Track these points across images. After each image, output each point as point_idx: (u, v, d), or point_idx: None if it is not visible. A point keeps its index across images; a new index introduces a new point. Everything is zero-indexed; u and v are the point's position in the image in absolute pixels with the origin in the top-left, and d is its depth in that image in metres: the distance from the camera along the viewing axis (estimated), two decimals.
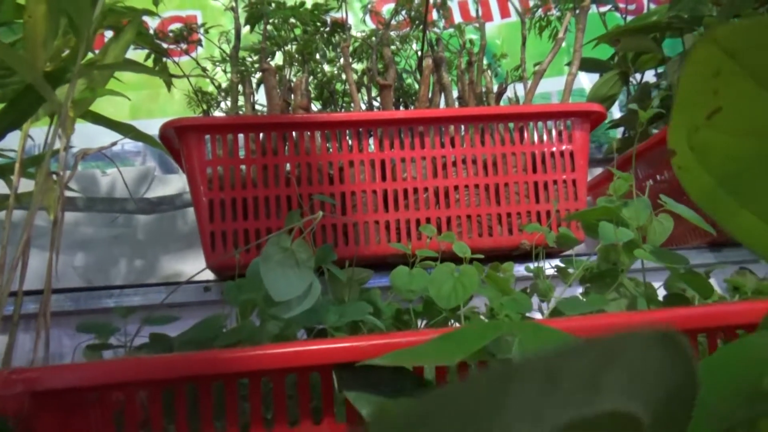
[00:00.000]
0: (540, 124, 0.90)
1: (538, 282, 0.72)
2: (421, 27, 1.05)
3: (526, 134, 0.89)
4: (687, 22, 1.00)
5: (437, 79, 0.94)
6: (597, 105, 0.90)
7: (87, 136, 1.61)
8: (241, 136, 0.84)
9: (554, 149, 0.89)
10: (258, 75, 1.09)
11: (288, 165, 0.84)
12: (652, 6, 1.90)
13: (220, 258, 0.81)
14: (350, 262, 0.70)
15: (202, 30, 1.11)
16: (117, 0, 0.97)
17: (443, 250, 0.75)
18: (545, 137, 0.89)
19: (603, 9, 1.28)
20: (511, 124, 0.90)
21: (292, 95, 0.92)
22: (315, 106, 1.24)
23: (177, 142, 0.84)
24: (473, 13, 1.85)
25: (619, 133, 1.71)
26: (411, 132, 0.87)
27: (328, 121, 0.84)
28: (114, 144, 0.95)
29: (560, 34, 0.94)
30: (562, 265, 0.73)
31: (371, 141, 0.87)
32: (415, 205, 0.86)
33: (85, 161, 1.58)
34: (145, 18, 1.62)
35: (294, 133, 0.85)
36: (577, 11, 0.95)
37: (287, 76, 1.05)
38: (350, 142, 0.86)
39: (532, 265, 0.80)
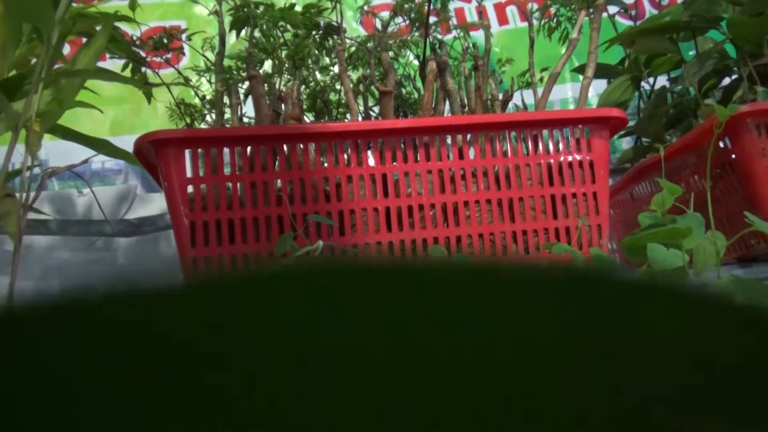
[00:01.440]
0: (555, 132, 0.82)
1: None
2: (421, 30, 0.97)
3: (540, 143, 0.81)
4: (707, 21, 0.93)
5: (441, 85, 0.86)
6: (617, 110, 0.82)
7: (64, 153, 1.53)
8: (226, 150, 0.75)
9: (571, 159, 0.81)
10: (245, 85, 1.01)
11: (279, 181, 0.76)
12: (652, 11, 1.84)
13: None
14: None
15: (184, 37, 1.03)
16: (88, 5, 0.88)
17: None
18: (561, 146, 0.81)
19: (612, 11, 1.21)
20: (524, 133, 0.81)
21: (283, 105, 0.84)
22: (307, 118, 1.16)
23: (154, 157, 0.75)
24: (470, 19, 1.78)
25: (625, 143, 1.64)
26: (414, 143, 0.79)
27: (323, 132, 0.76)
28: (85, 161, 0.87)
29: (574, 34, 0.86)
30: None
31: (371, 153, 0.79)
32: (421, 223, 0.77)
33: (62, 180, 1.49)
34: (127, 29, 1.55)
35: (285, 146, 0.76)
36: (591, 11, 0.87)
37: (277, 85, 0.97)
38: (348, 155, 0.78)
39: None
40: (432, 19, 0.99)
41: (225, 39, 0.90)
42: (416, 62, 1.15)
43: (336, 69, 1.08)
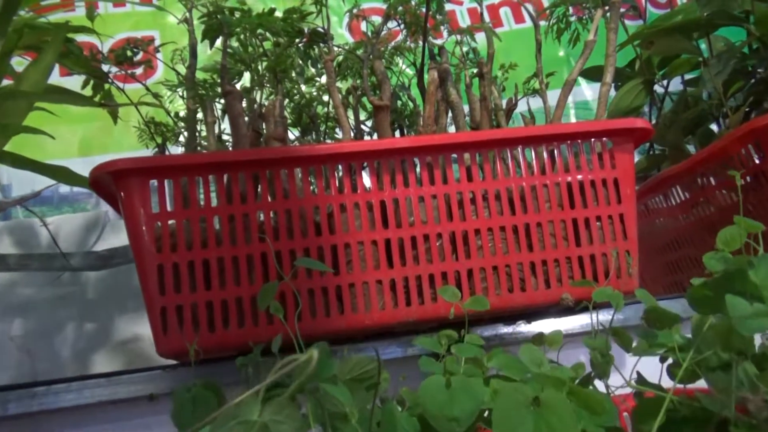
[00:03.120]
0: (575, 146, 0.72)
1: (598, 358, 0.53)
2: (417, 36, 0.87)
3: (558, 160, 0.72)
4: (730, 18, 0.84)
5: (443, 96, 0.77)
6: (641, 120, 0.72)
7: (30, 177, 1.42)
8: (199, 179, 0.65)
9: (593, 177, 0.72)
10: (224, 100, 0.90)
11: (261, 214, 0.65)
12: (651, 10, 1.76)
13: (175, 343, 0.61)
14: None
15: (153, 49, 0.92)
16: (37, 16, 0.77)
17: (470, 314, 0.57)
18: (581, 163, 0.72)
19: (622, 10, 1.12)
20: (539, 149, 0.72)
21: (264, 123, 0.74)
22: (292, 134, 1.05)
23: (115, 189, 0.64)
24: (462, 22, 1.69)
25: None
26: (417, 164, 0.69)
27: (311, 155, 0.66)
28: (37, 194, 0.76)
29: (590, 36, 0.77)
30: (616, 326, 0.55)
31: (367, 177, 0.69)
32: (427, 256, 0.67)
33: (25, 207, 1.37)
34: (95, 41, 1.43)
35: (268, 172, 0.66)
36: (608, 9, 0.78)
37: (258, 98, 0.87)
38: (340, 180, 0.68)
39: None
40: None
41: (196, 50, 0.79)
42: (408, 70, 1.05)
43: (323, 80, 0.98)
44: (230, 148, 0.84)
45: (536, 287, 0.69)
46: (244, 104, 0.81)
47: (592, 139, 0.72)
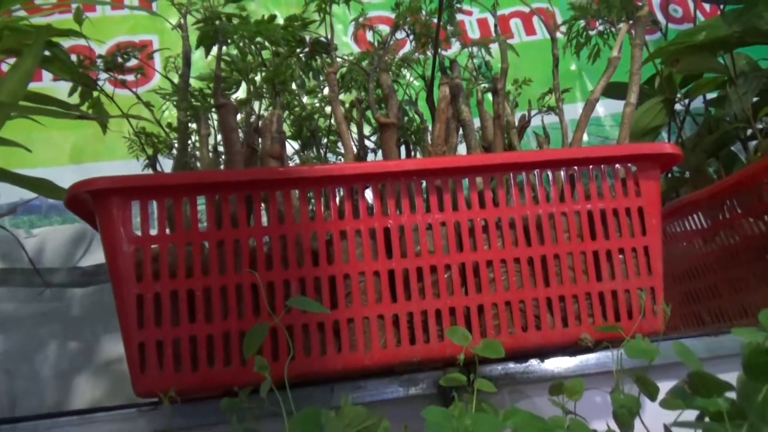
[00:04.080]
0: (596, 172, 0.66)
1: (625, 415, 0.47)
2: (425, 48, 0.82)
3: (578, 186, 0.66)
4: (764, 36, 0.79)
5: (454, 113, 0.71)
6: (670, 145, 0.67)
7: (15, 189, 1.36)
8: (186, 200, 0.59)
9: (617, 206, 0.66)
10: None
11: (253, 240, 0.60)
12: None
13: (154, 382, 0.55)
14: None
15: (145, 55, 0.86)
16: (19, 18, 0.72)
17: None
18: (604, 190, 0.66)
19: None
20: (559, 173, 0.66)
21: (260, 139, 0.68)
22: (292, 147, 1.00)
23: (94, 209, 0.59)
24: (471, 33, 1.64)
25: None
26: (425, 188, 0.63)
27: (309, 177, 0.60)
28: (13, 210, 0.70)
29: (614, 52, 0.71)
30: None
31: (370, 201, 0.63)
32: (434, 289, 0.61)
33: (15, 215, 1.31)
34: (92, 45, 1.38)
35: (262, 194, 0.60)
36: (632, 24, 0.72)
37: (255, 113, 0.81)
38: (341, 204, 0.62)
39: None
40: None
41: (190, 58, 0.74)
42: (416, 82, 1.00)
43: (326, 91, 0.92)
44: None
45: (552, 326, 0.63)
46: (239, 117, 0.76)
47: (616, 165, 0.67)
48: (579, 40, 0.82)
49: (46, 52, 0.76)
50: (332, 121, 0.94)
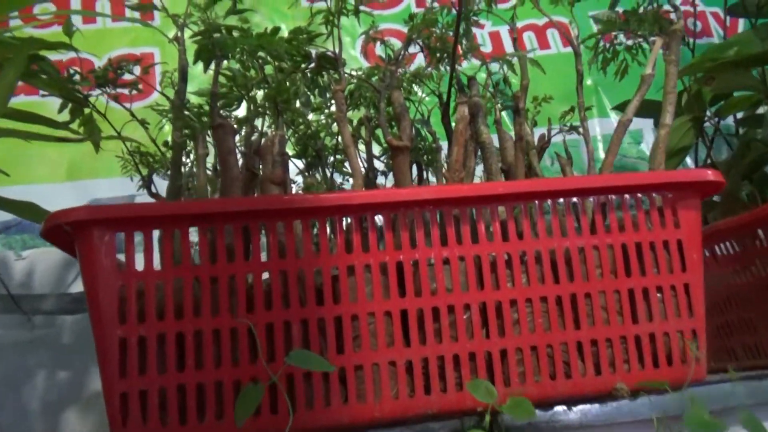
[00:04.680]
0: (631, 201, 0.60)
1: None
2: (439, 62, 0.76)
3: (611, 217, 0.60)
4: None
5: (472, 135, 0.65)
6: (712, 171, 0.60)
7: None
8: (177, 231, 0.53)
9: (654, 238, 0.60)
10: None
11: (251, 276, 0.54)
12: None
13: None
14: None
15: (140, 69, 0.81)
16: (4, 29, 0.67)
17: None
18: (639, 220, 0.60)
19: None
20: (589, 201, 0.60)
21: (260, 162, 0.62)
22: (296, 166, 0.94)
23: (75, 242, 0.53)
24: (482, 47, 1.58)
25: None
26: (441, 218, 0.57)
27: (314, 207, 0.54)
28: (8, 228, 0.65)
29: (648, 69, 0.65)
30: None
31: (381, 232, 0.57)
32: (451, 332, 0.55)
33: (7, 235, 1.26)
34: (90, 57, 1.32)
35: (261, 225, 0.54)
36: (667, 38, 0.67)
37: (257, 130, 0.75)
38: (349, 235, 0.56)
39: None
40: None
41: (186, 73, 0.68)
42: (427, 97, 0.93)
43: (332, 107, 0.87)
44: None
45: (584, 373, 0.56)
46: (241, 134, 0.70)
47: (652, 194, 0.60)
48: (606, 55, 0.76)
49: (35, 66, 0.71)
50: (339, 139, 0.89)
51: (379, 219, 0.56)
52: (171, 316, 0.51)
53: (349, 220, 0.56)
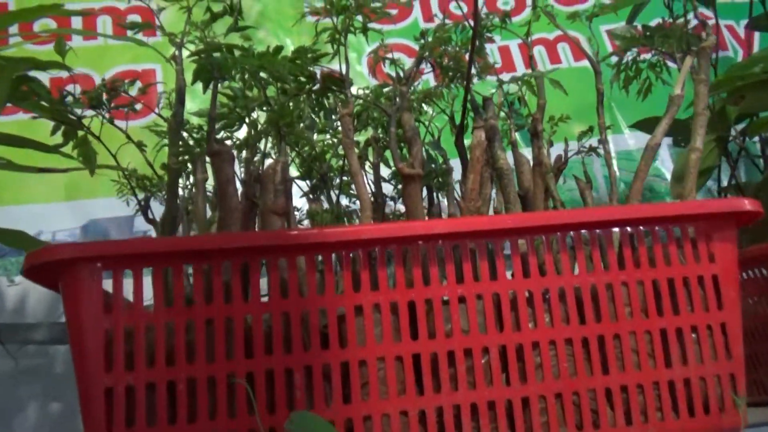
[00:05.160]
0: (661, 232, 0.55)
1: None
2: (452, 81, 0.72)
3: (641, 250, 0.55)
4: None
5: (488, 160, 0.61)
6: (749, 200, 0.56)
7: (8, 223, 1.27)
8: (168, 269, 0.49)
9: (687, 273, 0.55)
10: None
11: (250, 317, 0.49)
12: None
13: None
14: None
15: (137, 89, 0.77)
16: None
17: None
18: (671, 254, 0.55)
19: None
20: (617, 234, 0.55)
21: (260, 190, 0.58)
22: (299, 188, 0.90)
23: (59, 280, 0.49)
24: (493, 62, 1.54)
25: None
26: (457, 252, 0.53)
27: (319, 243, 0.49)
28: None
29: (677, 89, 0.61)
30: None
31: (391, 268, 0.52)
32: (468, 378, 0.50)
33: (2, 257, 1.22)
34: (90, 73, 1.29)
35: (263, 261, 0.50)
36: (697, 54, 0.62)
37: (259, 151, 0.71)
38: (356, 272, 0.51)
39: None
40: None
41: (184, 95, 0.64)
42: (432, 112, 0.89)
43: (338, 125, 0.82)
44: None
45: (613, 423, 0.52)
46: (241, 162, 0.66)
47: (683, 225, 0.56)
48: (628, 73, 0.71)
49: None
50: (346, 160, 0.84)
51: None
52: (162, 363, 0.47)
53: (356, 256, 0.52)
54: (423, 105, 0.84)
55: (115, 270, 0.47)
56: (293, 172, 0.92)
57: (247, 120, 0.61)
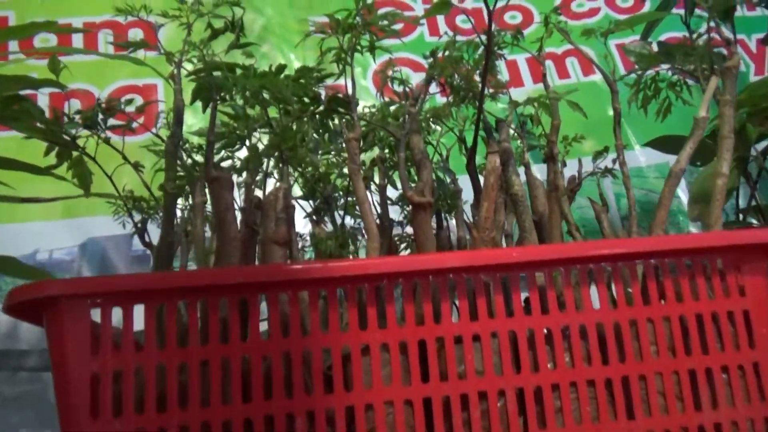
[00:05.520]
0: (688, 265, 0.52)
1: None
2: (463, 101, 0.69)
3: (667, 284, 0.51)
4: None
5: (502, 185, 0.57)
6: None
7: (4, 242, 1.25)
8: (162, 306, 0.45)
9: (716, 309, 0.51)
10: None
11: (248, 356, 0.46)
12: None
13: None
14: None
15: (136, 106, 0.75)
16: None
17: None
18: (699, 288, 0.51)
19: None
20: (640, 266, 0.52)
21: (261, 217, 0.55)
22: (303, 209, 0.87)
23: (43, 319, 0.45)
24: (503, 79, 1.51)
25: None
26: (470, 287, 0.49)
27: (323, 278, 0.46)
28: None
29: (701, 112, 0.57)
30: None
31: (400, 303, 0.49)
32: (483, 423, 0.47)
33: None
34: (90, 88, 1.26)
35: (262, 296, 0.47)
36: (721, 73, 0.59)
37: (261, 170, 0.68)
38: (363, 307, 0.48)
39: None
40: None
41: (182, 115, 0.61)
42: (437, 128, 0.86)
43: (344, 139, 0.79)
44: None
45: None
46: (241, 187, 0.63)
47: (710, 257, 0.52)
48: (646, 92, 0.68)
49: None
50: (349, 177, 0.81)
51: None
52: (152, 409, 0.43)
53: (362, 290, 0.48)
54: (431, 123, 0.81)
55: (103, 308, 0.44)
56: (296, 191, 0.89)
57: (247, 143, 0.58)
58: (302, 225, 1.00)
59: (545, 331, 0.49)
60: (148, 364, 0.44)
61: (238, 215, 0.58)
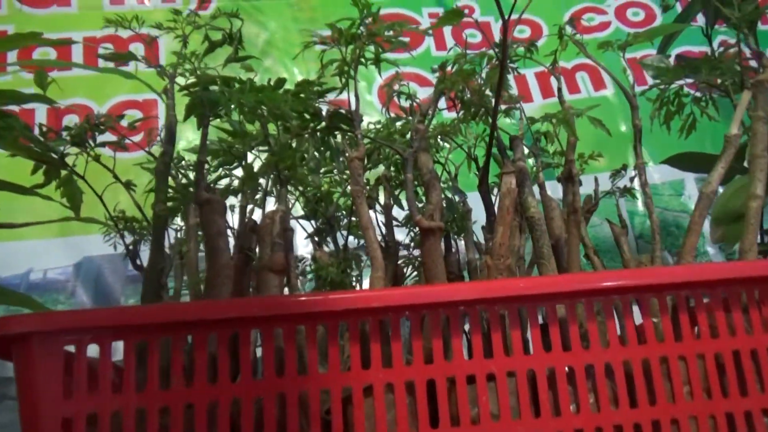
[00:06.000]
0: (723, 296, 0.47)
1: None
2: (475, 117, 0.65)
3: (701, 318, 0.47)
4: None
5: (517, 208, 0.53)
6: None
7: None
8: (145, 343, 0.41)
9: (756, 346, 0.47)
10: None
11: (241, 401, 0.41)
12: None
13: None
14: None
15: (127, 122, 0.71)
16: None
17: None
18: (736, 322, 0.47)
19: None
20: (671, 298, 0.47)
21: (257, 241, 0.51)
22: (304, 229, 0.82)
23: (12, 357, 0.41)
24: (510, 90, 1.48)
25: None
26: (483, 320, 0.45)
27: (322, 312, 0.42)
28: None
29: (733, 129, 0.53)
30: None
31: (407, 340, 0.44)
32: None
33: None
34: (89, 103, 1.23)
35: (256, 332, 0.43)
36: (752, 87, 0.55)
37: (255, 203, 0.64)
38: (365, 344, 0.43)
39: None
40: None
41: (175, 133, 0.58)
42: (446, 145, 0.82)
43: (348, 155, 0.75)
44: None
45: None
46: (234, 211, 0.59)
47: (747, 288, 0.48)
48: (669, 108, 0.64)
49: None
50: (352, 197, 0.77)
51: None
52: None
53: (365, 325, 0.44)
54: (439, 139, 0.77)
55: (78, 345, 0.40)
56: (298, 209, 0.85)
57: (243, 162, 0.54)
58: (304, 245, 0.96)
59: (567, 369, 0.45)
60: (127, 408, 0.39)
61: (233, 240, 0.54)
